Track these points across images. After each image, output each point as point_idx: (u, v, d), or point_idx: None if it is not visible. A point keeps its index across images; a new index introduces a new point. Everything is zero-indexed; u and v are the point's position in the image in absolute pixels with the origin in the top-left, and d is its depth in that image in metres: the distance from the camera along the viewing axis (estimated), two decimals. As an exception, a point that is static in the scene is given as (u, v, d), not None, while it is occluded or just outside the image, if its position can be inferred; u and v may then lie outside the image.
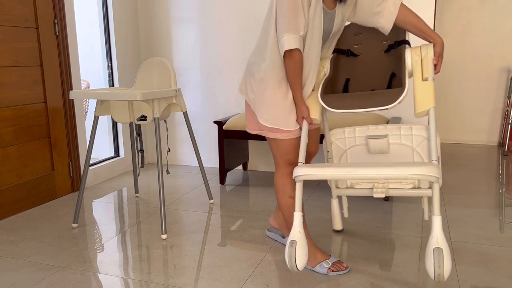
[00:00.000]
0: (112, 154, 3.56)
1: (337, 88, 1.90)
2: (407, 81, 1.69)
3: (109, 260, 2.01)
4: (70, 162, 2.99)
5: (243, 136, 2.99)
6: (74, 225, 2.41)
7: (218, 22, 3.41)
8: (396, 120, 2.91)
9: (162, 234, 2.25)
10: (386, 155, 1.97)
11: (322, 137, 2.77)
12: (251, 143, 3.52)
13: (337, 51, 1.95)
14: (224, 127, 3.04)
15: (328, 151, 2.06)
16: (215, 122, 3.07)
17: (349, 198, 2.82)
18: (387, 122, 2.90)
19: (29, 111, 2.68)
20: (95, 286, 1.78)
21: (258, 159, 3.54)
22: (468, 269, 1.87)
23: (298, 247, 1.58)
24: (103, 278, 1.84)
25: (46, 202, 2.82)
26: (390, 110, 3.09)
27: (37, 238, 2.26)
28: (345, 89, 1.88)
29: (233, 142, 3.23)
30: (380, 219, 2.43)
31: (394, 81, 1.82)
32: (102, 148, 3.74)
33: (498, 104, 4.40)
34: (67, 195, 2.96)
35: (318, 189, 3.01)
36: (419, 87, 1.67)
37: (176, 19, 3.53)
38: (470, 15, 4.31)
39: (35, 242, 2.21)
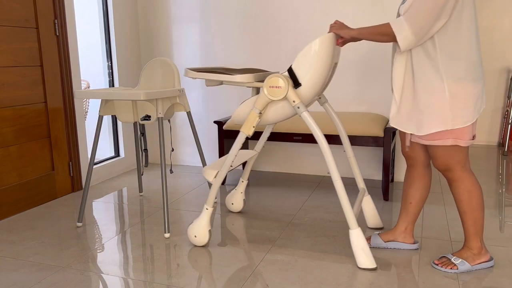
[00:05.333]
0: (112, 154, 3.56)
1: None
2: None
3: (110, 260, 2.01)
4: (70, 162, 3.00)
5: (243, 136, 2.99)
6: (79, 224, 2.41)
7: (218, 22, 3.41)
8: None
9: (165, 233, 2.25)
10: None
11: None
12: (251, 143, 3.52)
13: None
14: (224, 127, 3.04)
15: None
16: (215, 122, 3.07)
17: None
18: (387, 122, 2.90)
19: (29, 111, 2.68)
20: (95, 286, 1.78)
21: (259, 159, 3.54)
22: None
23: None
24: (103, 278, 1.85)
25: (46, 202, 2.83)
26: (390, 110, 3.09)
27: (37, 238, 2.26)
28: None
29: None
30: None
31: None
32: (102, 148, 3.74)
33: (498, 104, 4.40)
34: (67, 195, 2.96)
35: (318, 189, 3.01)
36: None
37: (176, 19, 3.53)
38: (470, 15, 4.31)
39: (35, 242, 2.21)
